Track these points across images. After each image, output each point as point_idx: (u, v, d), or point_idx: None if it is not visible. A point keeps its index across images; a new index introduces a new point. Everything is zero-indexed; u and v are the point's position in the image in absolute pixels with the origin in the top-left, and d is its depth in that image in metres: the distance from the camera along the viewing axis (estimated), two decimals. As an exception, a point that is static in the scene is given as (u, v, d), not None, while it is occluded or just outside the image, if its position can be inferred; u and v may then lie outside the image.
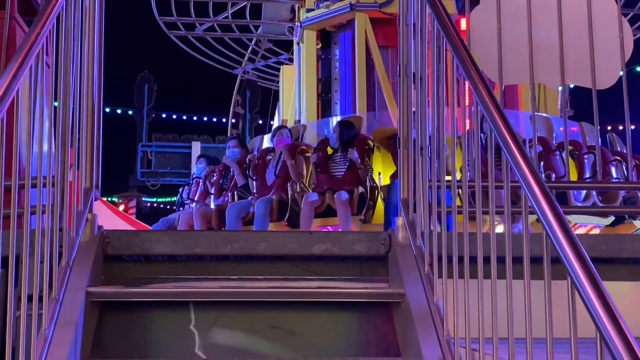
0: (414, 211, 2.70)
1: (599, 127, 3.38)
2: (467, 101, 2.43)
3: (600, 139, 3.85)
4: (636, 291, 2.90)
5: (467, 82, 2.16)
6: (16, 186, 1.99)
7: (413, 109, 2.82)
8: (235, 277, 2.82)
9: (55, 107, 2.40)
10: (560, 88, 6.83)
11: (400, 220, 2.78)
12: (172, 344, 2.53)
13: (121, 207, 18.26)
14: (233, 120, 19.96)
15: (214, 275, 2.83)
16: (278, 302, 2.60)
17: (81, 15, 2.64)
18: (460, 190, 2.59)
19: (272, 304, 2.59)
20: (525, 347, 1.78)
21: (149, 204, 21.83)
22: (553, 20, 3.21)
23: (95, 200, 2.80)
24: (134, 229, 11.66)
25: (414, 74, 2.79)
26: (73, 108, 2.52)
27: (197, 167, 8.75)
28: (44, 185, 2.23)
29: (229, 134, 19.29)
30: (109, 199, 17.74)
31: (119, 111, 19.68)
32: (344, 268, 2.88)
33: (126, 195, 20.16)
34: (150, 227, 10.56)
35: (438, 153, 2.54)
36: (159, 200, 21.76)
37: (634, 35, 7.38)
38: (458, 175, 2.56)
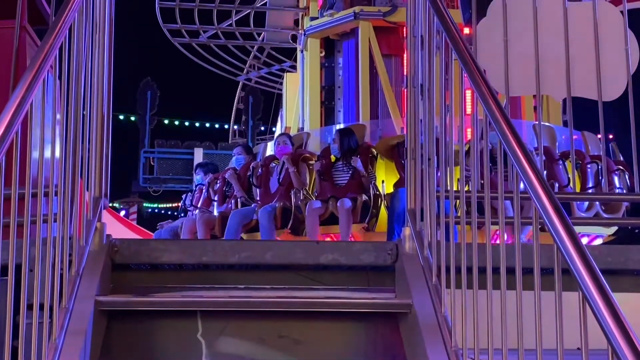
0: (421, 221, 2.71)
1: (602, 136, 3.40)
2: (473, 110, 2.45)
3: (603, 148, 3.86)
4: (642, 302, 2.90)
5: (475, 94, 2.18)
6: (29, 195, 2.00)
7: (420, 119, 2.83)
8: (242, 286, 2.83)
9: (65, 117, 2.42)
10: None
11: (407, 231, 2.79)
12: (179, 352, 2.54)
13: (122, 213, 18.27)
14: (235, 127, 20.00)
15: (221, 284, 2.84)
16: (285, 312, 2.61)
17: (92, 27, 2.66)
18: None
19: (279, 313, 2.60)
20: (535, 358, 1.79)
21: (149, 210, 21.85)
22: (559, 33, 3.23)
23: (104, 209, 2.82)
24: (134, 234, 11.68)
25: (421, 85, 2.81)
26: (83, 118, 2.55)
27: (195, 178, 8.78)
28: (55, 194, 2.25)
29: (230, 140, 19.33)
30: (111, 205, 17.72)
31: (121, 117, 19.72)
32: (351, 278, 2.90)
33: (127, 200, 20.18)
34: (151, 233, 10.57)
35: (445, 163, 2.55)
36: (160, 206, 21.78)
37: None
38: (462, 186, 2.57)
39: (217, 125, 21.21)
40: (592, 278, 1.43)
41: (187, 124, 21.23)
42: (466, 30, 6.94)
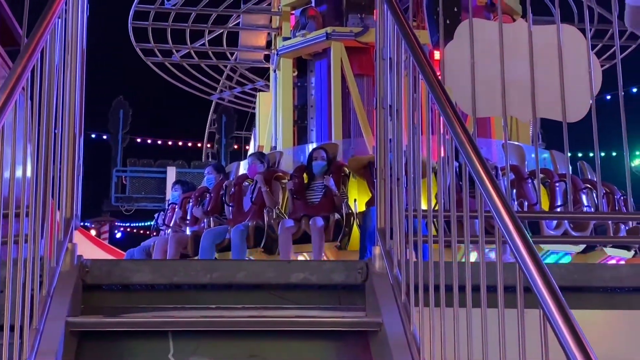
0: (391, 240, 2.75)
1: (569, 155, 3.48)
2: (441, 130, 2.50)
3: (570, 167, 3.96)
4: (607, 319, 2.96)
5: (442, 118, 2.23)
6: (0, 215, 2.01)
7: (389, 139, 2.88)
8: (214, 306, 2.84)
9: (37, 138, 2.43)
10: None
11: (377, 250, 2.83)
12: (150, 373, 2.54)
13: (93, 232, 18.10)
14: (208, 145, 19.96)
15: (193, 304, 2.84)
16: (257, 331, 2.62)
17: (64, 48, 2.68)
18: (435, 219, 2.65)
19: (251, 332, 2.62)
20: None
21: (121, 228, 21.68)
22: (524, 56, 3.31)
23: (75, 229, 2.82)
24: (106, 254, 11.58)
25: (390, 106, 2.86)
26: (55, 138, 2.55)
27: (172, 194, 8.72)
28: (26, 215, 2.25)
29: (203, 159, 19.27)
30: (82, 224, 17.54)
31: (93, 136, 19.57)
32: (322, 297, 2.92)
33: (99, 220, 19.99)
34: (123, 252, 10.48)
35: (414, 183, 2.60)
36: (132, 225, 21.62)
37: (603, 66, 7.58)
38: (434, 203, 2.62)
39: (190, 144, 21.15)
40: (552, 296, 1.48)
41: (159, 142, 21.14)
42: (437, 57, 7.05)
